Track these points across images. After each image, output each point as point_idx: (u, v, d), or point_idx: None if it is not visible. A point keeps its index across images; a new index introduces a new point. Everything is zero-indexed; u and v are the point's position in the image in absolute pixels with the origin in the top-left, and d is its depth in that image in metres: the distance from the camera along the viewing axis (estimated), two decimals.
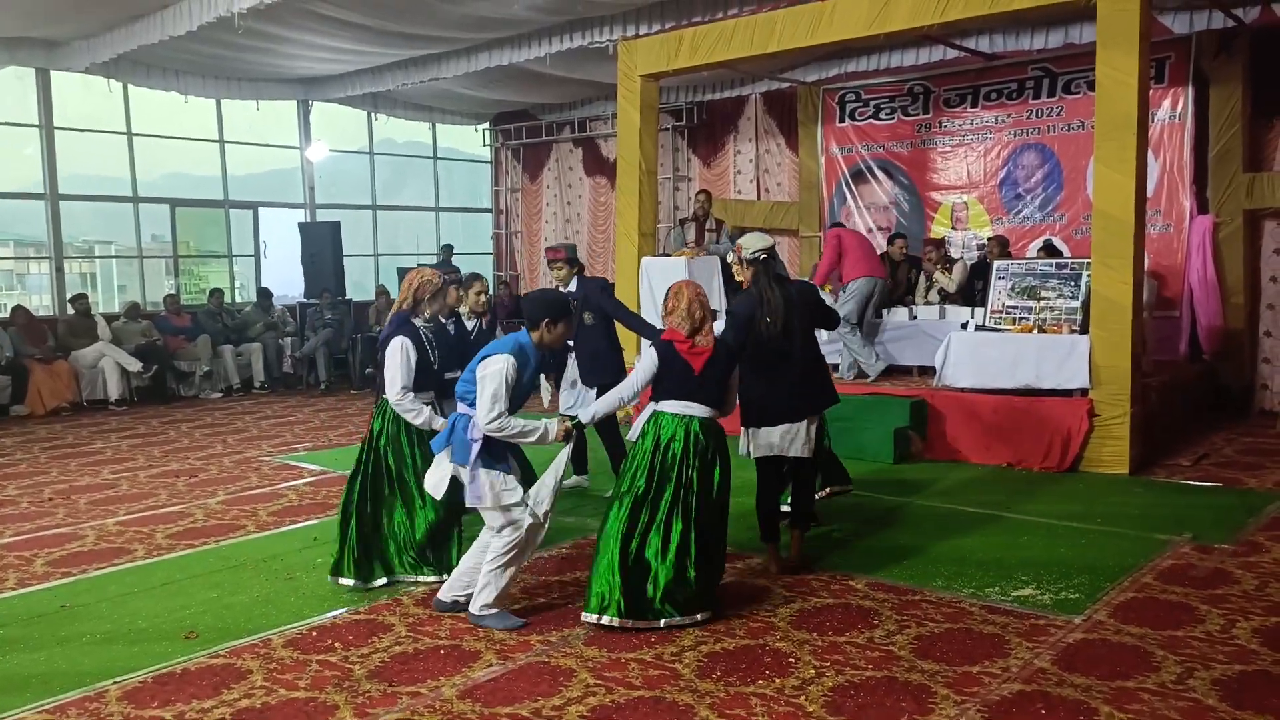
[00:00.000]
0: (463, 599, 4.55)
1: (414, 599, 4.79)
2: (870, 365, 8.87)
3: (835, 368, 9.13)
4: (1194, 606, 4.50)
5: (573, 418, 4.52)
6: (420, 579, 4.98)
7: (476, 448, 4.32)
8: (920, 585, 4.87)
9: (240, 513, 6.55)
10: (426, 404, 4.97)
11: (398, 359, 4.85)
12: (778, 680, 3.80)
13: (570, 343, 6.36)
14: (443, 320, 5.61)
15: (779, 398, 5.03)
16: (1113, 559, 5.21)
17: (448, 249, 14.51)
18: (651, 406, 4.60)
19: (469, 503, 4.39)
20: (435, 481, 4.55)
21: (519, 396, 4.39)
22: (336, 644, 4.25)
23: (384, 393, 4.99)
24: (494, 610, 4.41)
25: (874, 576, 5.01)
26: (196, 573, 5.29)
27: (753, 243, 5.18)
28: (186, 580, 5.17)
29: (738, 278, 5.40)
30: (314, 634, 4.38)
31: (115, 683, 3.88)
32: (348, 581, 4.92)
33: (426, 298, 5.04)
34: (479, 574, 4.45)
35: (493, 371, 4.27)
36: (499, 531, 4.38)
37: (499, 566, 4.38)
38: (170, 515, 6.52)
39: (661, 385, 4.52)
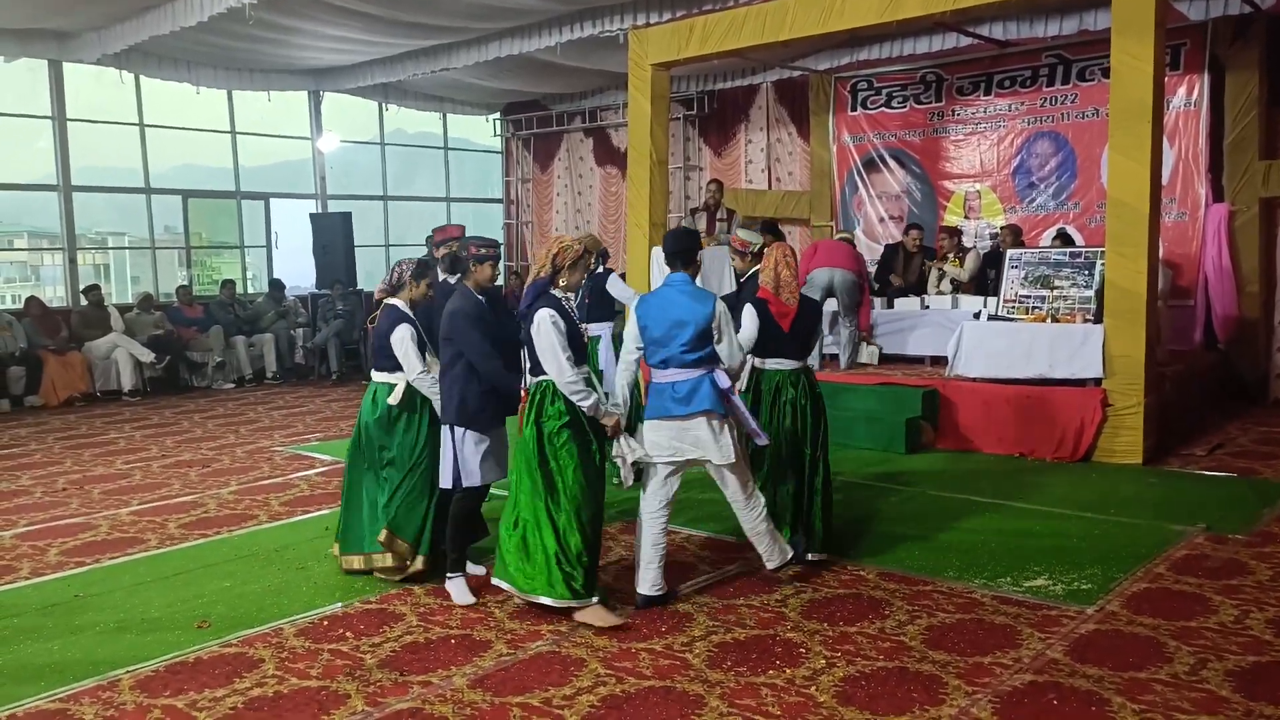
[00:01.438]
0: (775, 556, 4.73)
1: (425, 589, 4.80)
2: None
3: (834, 358, 9.16)
4: (1207, 597, 4.48)
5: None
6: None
7: (736, 400, 4.50)
8: (931, 575, 4.86)
9: (253, 503, 6.58)
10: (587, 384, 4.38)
11: (551, 336, 4.26)
12: (788, 670, 3.80)
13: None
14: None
15: None
16: (1126, 549, 5.18)
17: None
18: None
19: (727, 458, 4.44)
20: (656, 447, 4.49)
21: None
22: (348, 633, 4.26)
23: (536, 375, 4.42)
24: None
25: (885, 566, 5.01)
26: (209, 562, 5.32)
27: (752, 238, 5.52)
28: (199, 570, 5.19)
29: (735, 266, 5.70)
30: (325, 623, 4.40)
31: (128, 672, 3.91)
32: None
33: (566, 265, 4.43)
34: (765, 537, 4.66)
35: (724, 312, 4.44)
36: (754, 494, 4.61)
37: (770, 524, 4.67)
38: (183, 505, 6.56)
39: (758, 341, 4.83)
